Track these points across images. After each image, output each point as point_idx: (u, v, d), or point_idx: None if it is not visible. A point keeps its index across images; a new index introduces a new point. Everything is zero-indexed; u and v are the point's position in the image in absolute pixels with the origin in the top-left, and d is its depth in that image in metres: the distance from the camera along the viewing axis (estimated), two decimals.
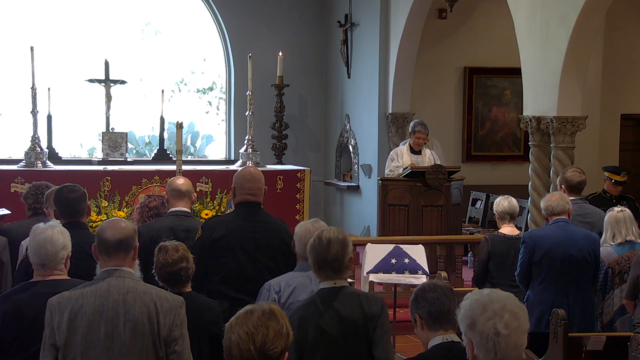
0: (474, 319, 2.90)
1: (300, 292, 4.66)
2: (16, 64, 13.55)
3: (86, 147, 16.13)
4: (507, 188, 12.26)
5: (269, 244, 5.34)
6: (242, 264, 5.27)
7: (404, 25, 11.89)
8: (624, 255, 6.46)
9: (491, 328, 2.87)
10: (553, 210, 6.38)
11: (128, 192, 10.22)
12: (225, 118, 14.55)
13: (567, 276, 6.23)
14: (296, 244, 4.82)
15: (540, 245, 6.28)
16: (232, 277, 5.24)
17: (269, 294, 4.68)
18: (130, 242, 4.07)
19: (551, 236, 6.29)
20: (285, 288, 4.68)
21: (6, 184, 9.84)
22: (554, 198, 6.47)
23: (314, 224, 4.80)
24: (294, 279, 4.73)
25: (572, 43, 8.93)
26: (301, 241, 4.76)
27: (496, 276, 6.97)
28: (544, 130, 9.41)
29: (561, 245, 6.24)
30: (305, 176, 10.86)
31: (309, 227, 4.78)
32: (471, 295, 2.99)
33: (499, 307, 2.89)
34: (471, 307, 2.93)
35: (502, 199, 7.10)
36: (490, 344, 2.87)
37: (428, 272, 7.68)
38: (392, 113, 12.32)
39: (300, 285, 4.70)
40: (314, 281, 4.64)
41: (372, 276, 7.68)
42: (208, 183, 10.43)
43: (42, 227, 4.37)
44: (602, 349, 5.86)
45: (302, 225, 4.83)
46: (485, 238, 7.11)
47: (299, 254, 4.84)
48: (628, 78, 13.08)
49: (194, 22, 15.06)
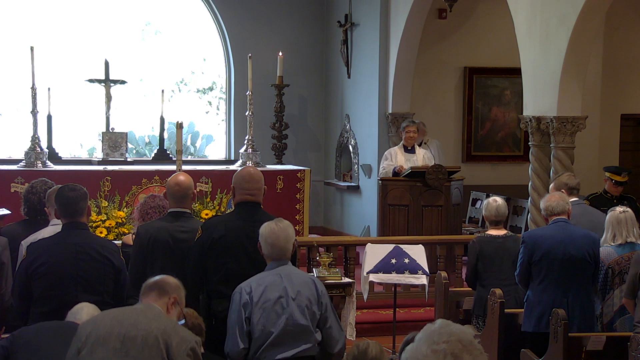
0: None
1: (272, 290, 4.74)
2: (16, 64, 13.54)
3: (86, 147, 16.12)
4: (507, 188, 12.29)
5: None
6: (241, 264, 5.27)
7: (404, 25, 11.89)
8: (624, 256, 6.45)
9: None
10: (553, 210, 6.39)
11: (128, 192, 10.22)
12: (225, 118, 14.55)
13: (567, 276, 6.23)
14: (262, 245, 4.91)
15: (540, 245, 6.28)
16: (232, 276, 5.24)
17: (240, 296, 4.75)
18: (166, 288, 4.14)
19: (551, 236, 6.30)
20: (257, 288, 4.75)
21: (6, 184, 9.85)
22: (553, 198, 6.48)
23: (277, 224, 4.90)
24: (264, 279, 4.81)
25: (572, 43, 8.94)
26: (266, 241, 4.86)
27: (485, 277, 6.99)
28: (544, 130, 9.41)
29: (561, 245, 6.24)
30: (305, 176, 10.86)
31: (273, 227, 4.88)
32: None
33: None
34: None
35: (491, 201, 7.10)
36: None
37: (428, 272, 7.69)
38: (392, 113, 12.32)
39: (270, 284, 4.77)
40: (284, 278, 4.77)
41: (372, 276, 7.69)
42: (208, 183, 10.44)
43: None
44: (602, 349, 5.87)
45: (266, 225, 4.91)
46: (473, 241, 7.14)
47: (265, 255, 4.92)
48: (628, 78, 13.08)
49: (194, 22, 15.05)
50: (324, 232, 13.26)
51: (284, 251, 4.86)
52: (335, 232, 13.51)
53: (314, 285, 4.85)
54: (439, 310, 7.30)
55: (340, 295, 7.22)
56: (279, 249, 4.85)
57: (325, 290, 4.93)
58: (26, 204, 6.32)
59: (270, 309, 4.71)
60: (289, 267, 4.89)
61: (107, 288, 5.22)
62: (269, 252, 4.87)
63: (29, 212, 6.30)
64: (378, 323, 8.96)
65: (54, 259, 5.18)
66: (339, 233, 13.38)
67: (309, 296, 4.78)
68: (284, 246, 4.85)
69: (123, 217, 10.06)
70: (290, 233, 4.89)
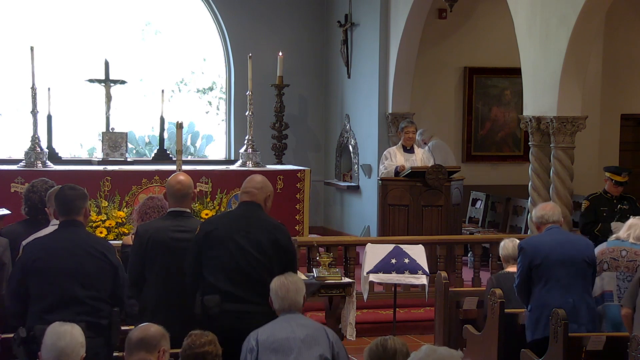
0: None
1: (280, 332, 4.82)
2: (16, 64, 13.54)
3: (86, 147, 16.12)
4: (507, 188, 12.30)
5: (259, 240, 5.38)
6: (233, 257, 5.33)
7: (404, 25, 11.89)
8: (609, 248, 6.57)
9: None
10: (548, 218, 6.39)
11: (128, 192, 10.22)
12: (225, 118, 14.55)
13: (570, 277, 6.20)
14: (272, 299, 5.00)
15: (540, 249, 6.24)
16: (223, 269, 5.32)
17: (248, 342, 4.84)
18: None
19: (549, 240, 6.29)
20: (262, 333, 4.84)
21: (6, 184, 9.85)
22: (548, 207, 6.52)
23: (287, 278, 5.01)
24: (273, 326, 4.88)
25: (572, 43, 8.94)
26: (277, 295, 4.97)
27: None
28: (544, 130, 9.41)
29: (560, 247, 6.24)
30: (305, 176, 10.86)
31: (284, 280, 4.99)
32: None
33: None
34: None
35: (508, 241, 7.02)
36: None
37: (428, 272, 7.69)
38: (392, 113, 12.32)
39: (279, 329, 4.85)
40: (295, 327, 4.83)
41: (372, 276, 7.69)
42: (208, 183, 10.44)
43: (59, 331, 4.34)
44: (602, 349, 5.87)
45: (276, 279, 5.02)
46: (491, 277, 7.06)
47: (276, 309, 5.00)
48: (628, 78, 13.07)
49: (194, 22, 15.05)
50: (324, 232, 13.26)
51: (294, 303, 4.96)
52: (335, 232, 13.51)
53: (325, 335, 4.89)
54: (439, 310, 7.30)
55: (340, 295, 7.22)
56: (289, 301, 4.95)
57: (338, 339, 4.98)
58: (27, 203, 6.32)
59: (279, 351, 4.76)
60: (300, 317, 4.95)
61: (105, 285, 5.19)
62: (280, 305, 4.96)
63: (30, 212, 6.29)
64: (378, 323, 8.95)
65: (50, 255, 5.15)
66: (339, 233, 13.39)
67: (320, 343, 4.82)
68: (294, 298, 4.96)
69: (123, 217, 10.07)
70: (301, 286, 5.00)
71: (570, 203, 9.42)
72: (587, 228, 8.79)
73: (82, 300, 5.07)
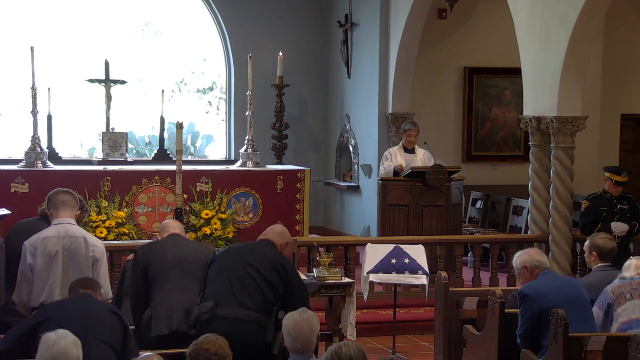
0: None
1: None
2: (16, 64, 13.54)
3: (86, 147, 16.11)
4: (507, 188, 12.30)
5: (264, 254, 5.66)
6: (235, 267, 5.59)
7: (404, 25, 11.89)
8: (625, 282, 6.27)
9: None
10: (543, 264, 6.31)
11: (128, 192, 10.23)
12: (225, 118, 14.55)
13: (577, 317, 6.01)
14: (285, 337, 4.76)
15: (545, 294, 6.09)
16: (221, 275, 5.59)
17: None
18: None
19: (550, 284, 6.15)
20: None
21: (6, 184, 9.86)
22: (537, 252, 6.43)
23: (301, 315, 4.76)
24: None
25: (572, 43, 8.94)
26: (290, 334, 4.71)
27: None
28: (544, 130, 9.41)
29: (563, 289, 6.15)
30: (305, 176, 10.87)
31: (297, 318, 4.74)
32: None
33: None
34: None
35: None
36: None
37: (428, 272, 7.69)
38: (392, 113, 12.32)
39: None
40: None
41: (372, 276, 7.69)
42: (208, 183, 10.44)
43: (52, 338, 4.27)
44: (602, 349, 5.86)
45: (289, 317, 4.78)
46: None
47: (288, 348, 4.76)
48: (628, 78, 13.07)
49: (194, 22, 15.04)
50: (324, 232, 13.26)
51: (307, 343, 4.71)
52: (335, 232, 13.51)
53: None
54: (439, 310, 7.29)
55: (340, 295, 7.23)
56: (302, 340, 4.69)
57: None
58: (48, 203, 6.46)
59: None
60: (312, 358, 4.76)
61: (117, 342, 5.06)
62: (292, 345, 4.70)
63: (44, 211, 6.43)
64: (378, 323, 8.96)
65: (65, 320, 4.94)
66: (339, 233, 13.39)
67: None
68: (308, 338, 4.70)
69: (123, 217, 10.07)
70: (315, 324, 4.75)
71: (570, 203, 9.42)
72: (587, 228, 8.78)
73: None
